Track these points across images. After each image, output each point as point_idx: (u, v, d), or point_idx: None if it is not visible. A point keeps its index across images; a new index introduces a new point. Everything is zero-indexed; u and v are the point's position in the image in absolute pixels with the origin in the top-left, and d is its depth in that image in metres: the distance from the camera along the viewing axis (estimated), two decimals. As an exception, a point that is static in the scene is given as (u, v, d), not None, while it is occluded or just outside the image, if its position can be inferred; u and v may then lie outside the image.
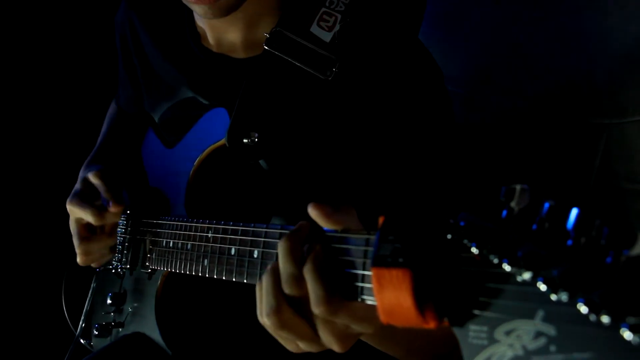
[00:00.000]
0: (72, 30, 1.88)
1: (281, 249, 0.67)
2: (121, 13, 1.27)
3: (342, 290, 0.63)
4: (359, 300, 0.62)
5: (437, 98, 0.98)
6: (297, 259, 0.66)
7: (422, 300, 0.52)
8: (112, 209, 1.11)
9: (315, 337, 0.67)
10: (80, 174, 1.22)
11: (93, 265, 1.19)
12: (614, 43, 1.11)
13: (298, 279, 0.65)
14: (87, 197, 1.13)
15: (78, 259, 1.15)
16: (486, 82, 1.30)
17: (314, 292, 0.63)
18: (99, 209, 1.12)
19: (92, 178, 1.15)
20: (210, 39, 1.09)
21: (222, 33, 1.06)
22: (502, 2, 1.28)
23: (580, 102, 1.15)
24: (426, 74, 0.98)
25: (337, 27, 0.96)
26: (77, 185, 1.17)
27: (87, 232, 1.16)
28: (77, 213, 1.13)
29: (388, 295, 0.54)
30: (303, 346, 0.69)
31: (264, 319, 0.67)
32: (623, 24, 1.10)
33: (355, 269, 0.63)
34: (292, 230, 0.68)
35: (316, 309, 0.63)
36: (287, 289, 0.66)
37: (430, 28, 1.36)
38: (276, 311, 0.66)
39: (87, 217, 1.12)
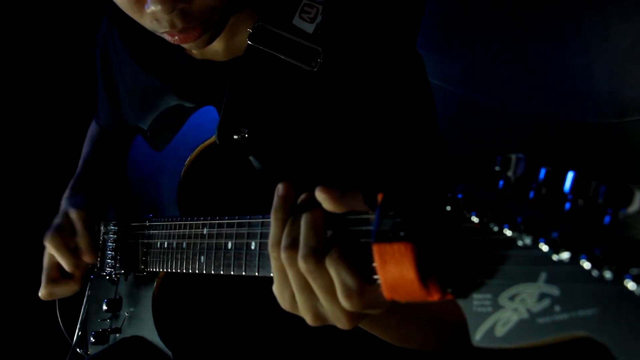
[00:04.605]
0: (60, 37, 1.88)
1: (306, 222, 0.64)
2: (102, 31, 1.27)
3: (363, 275, 0.61)
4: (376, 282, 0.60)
5: (419, 83, 0.99)
6: (321, 237, 0.63)
7: (425, 272, 0.53)
8: (86, 258, 1.11)
9: (314, 299, 0.65)
10: (63, 203, 1.20)
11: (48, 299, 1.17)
12: (614, 43, 1.12)
13: (317, 257, 0.62)
14: (66, 236, 1.12)
15: (40, 294, 1.13)
16: (486, 83, 1.30)
17: (344, 283, 0.60)
18: (76, 258, 1.11)
19: (74, 218, 1.14)
20: None
21: None
22: (502, 2, 1.29)
23: (579, 101, 1.16)
24: (408, 60, 0.99)
25: (319, 18, 0.97)
26: (58, 219, 1.15)
27: (58, 272, 1.14)
28: (53, 252, 1.12)
29: (391, 270, 0.54)
30: (300, 303, 0.66)
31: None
32: (623, 24, 1.11)
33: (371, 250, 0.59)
34: (319, 203, 0.65)
35: (347, 301, 0.60)
36: (302, 263, 0.63)
37: (430, 28, 1.37)
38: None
39: (62, 263, 1.11)
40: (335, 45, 0.95)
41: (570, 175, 0.46)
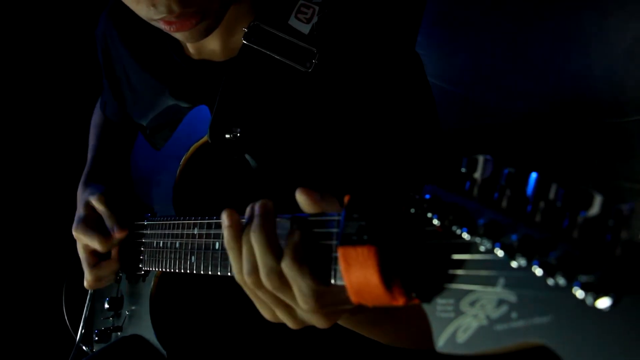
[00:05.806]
0: (61, 32, 1.90)
1: (258, 242, 0.65)
2: (101, 27, 1.27)
3: (320, 277, 0.62)
4: (336, 283, 0.61)
5: (416, 85, 0.97)
6: (276, 251, 0.65)
7: (389, 276, 0.52)
8: (117, 234, 1.10)
9: (291, 309, 0.67)
10: (80, 195, 1.21)
11: (98, 287, 1.18)
12: (614, 43, 1.11)
13: (279, 272, 0.64)
14: (92, 223, 1.13)
15: (86, 284, 1.14)
16: (486, 83, 1.29)
17: (298, 287, 0.62)
18: (105, 236, 1.11)
19: (95, 203, 1.13)
20: (191, 48, 1.09)
21: (201, 42, 1.06)
22: (502, 1, 1.28)
23: (579, 101, 1.15)
24: (405, 61, 0.98)
25: (315, 19, 0.96)
26: (80, 211, 1.16)
27: (96, 258, 1.14)
28: (83, 240, 1.12)
29: (356, 274, 0.53)
30: (280, 315, 0.68)
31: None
32: (623, 24, 1.10)
33: (332, 252, 0.62)
34: (263, 220, 0.66)
35: (305, 304, 0.62)
36: (266, 281, 0.65)
37: (430, 28, 1.36)
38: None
39: (94, 244, 1.11)
40: (330, 46, 0.94)
41: (532, 177, 0.45)
